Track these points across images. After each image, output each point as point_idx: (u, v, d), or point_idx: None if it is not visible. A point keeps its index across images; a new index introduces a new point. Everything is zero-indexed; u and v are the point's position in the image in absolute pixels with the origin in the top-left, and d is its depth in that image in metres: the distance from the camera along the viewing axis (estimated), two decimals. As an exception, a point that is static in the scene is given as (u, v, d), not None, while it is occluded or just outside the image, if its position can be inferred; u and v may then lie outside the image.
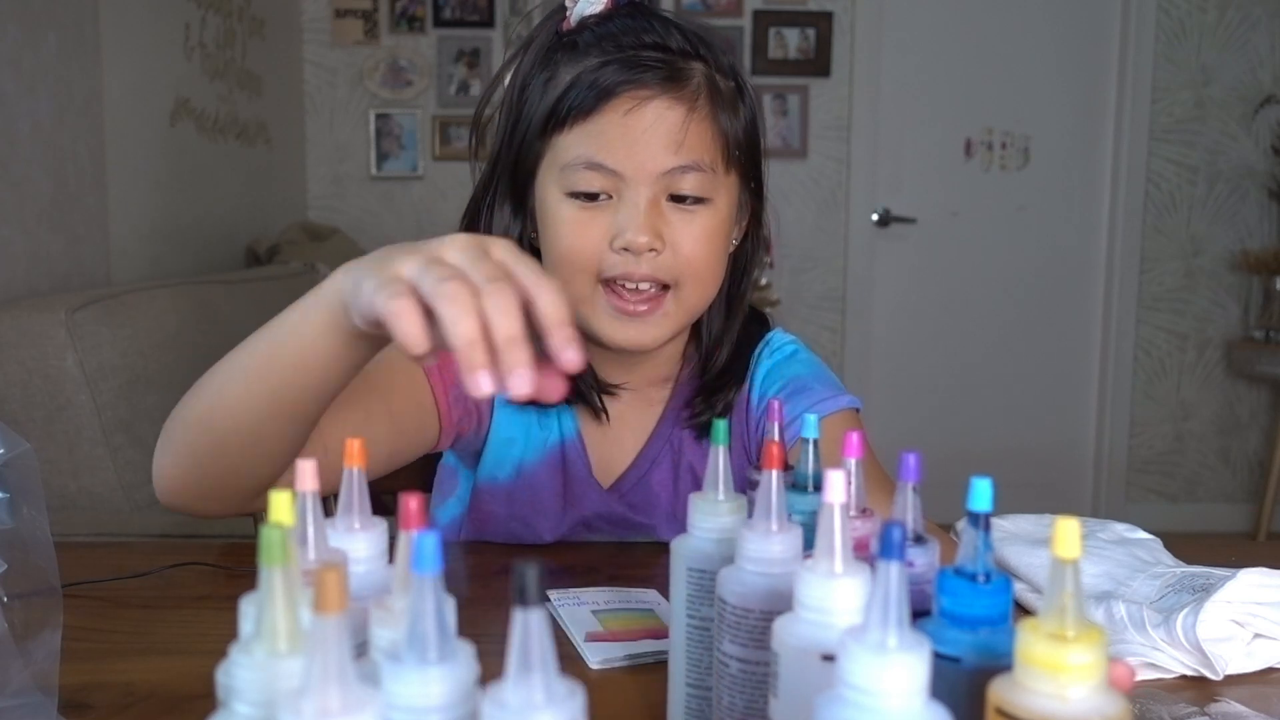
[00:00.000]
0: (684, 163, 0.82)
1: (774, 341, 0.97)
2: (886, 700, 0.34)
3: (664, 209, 0.82)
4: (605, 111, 0.81)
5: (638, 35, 0.83)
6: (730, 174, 0.86)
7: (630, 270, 0.82)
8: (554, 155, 0.84)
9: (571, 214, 0.83)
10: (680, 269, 0.83)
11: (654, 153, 0.81)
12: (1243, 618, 0.67)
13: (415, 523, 0.38)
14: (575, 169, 0.82)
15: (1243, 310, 3.63)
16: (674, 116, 0.81)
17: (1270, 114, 3.52)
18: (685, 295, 0.84)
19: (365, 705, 0.31)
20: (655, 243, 0.81)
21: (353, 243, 3.30)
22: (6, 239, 1.86)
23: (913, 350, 3.67)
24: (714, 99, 0.84)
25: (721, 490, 0.52)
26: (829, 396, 0.89)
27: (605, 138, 0.81)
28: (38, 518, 0.57)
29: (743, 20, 3.51)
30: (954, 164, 3.59)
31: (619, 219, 0.81)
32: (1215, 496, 3.71)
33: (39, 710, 0.54)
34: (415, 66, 3.50)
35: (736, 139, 0.86)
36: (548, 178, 0.85)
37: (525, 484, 0.93)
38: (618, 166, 0.81)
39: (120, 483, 1.75)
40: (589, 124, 0.81)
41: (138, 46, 2.35)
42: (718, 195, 0.84)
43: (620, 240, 0.81)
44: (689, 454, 0.94)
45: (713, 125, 0.84)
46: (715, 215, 0.84)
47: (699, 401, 0.92)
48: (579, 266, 0.83)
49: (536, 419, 0.93)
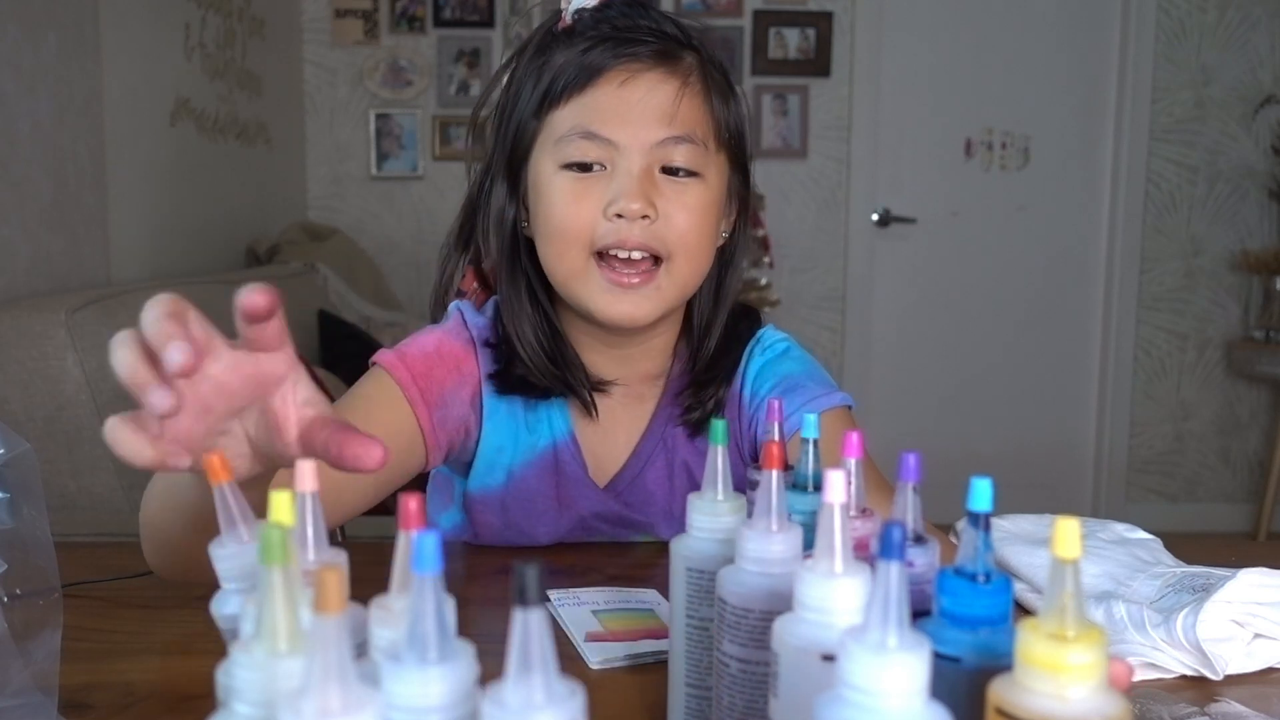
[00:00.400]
0: (677, 133, 0.83)
1: (765, 339, 0.96)
2: (886, 700, 0.34)
3: (657, 179, 0.84)
4: (599, 84, 0.83)
5: (632, 20, 0.86)
6: (721, 154, 0.88)
7: (624, 238, 0.82)
8: (549, 131, 0.85)
9: (566, 185, 0.84)
10: (672, 240, 0.84)
11: (647, 123, 0.83)
12: (1243, 618, 0.67)
13: (415, 523, 0.37)
14: (570, 140, 0.83)
15: (1243, 310, 3.63)
16: (667, 89, 0.83)
17: (1270, 114, 3.52)
18: (677, 269, 0.85)
19: (365, 705, 0.31)
20: (648, 209, 0.82)
21: (353, 243, 3.31)
22: (6, 239, 1.86)
23: (913, 350, 3.67)
24: (706, 81, 0.87)
25: (721, 490, 0.52)
26: (822, 394, 0.89)
27: (599, 108, 0.83)
28: (38, 518, 0.57)
29: (743, 20, 3.51)
30: (954, 164, 3.59)
31: (613, 187, 0.83)
32: (1215, 496, 3.71)
33: (39, 710, 0.54)
34: (415, 66, 3.50)
35: (727, 123, 0.88)
36: (542, 154, 0.86)
37: (517, 490, 0.93)
38: (611, 135, 0.82)
39: (120, 483, 1.75)
40: (583, 96, 0.83)
41: (138, 46, 2.35)
42: (709, 171, 0.86)
43: (614, 207, 0.82)
44: (682, 451, 0.94)
45: (705, 103, 0.86)
46: (707, 190, 0.86)
47: (689, 395, 0.92)
48: (573, 237, 0.84)
49: (524, 424, 0.92)
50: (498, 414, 0.92)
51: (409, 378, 0.86)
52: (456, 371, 0.90)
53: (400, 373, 0.86)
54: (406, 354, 0.88)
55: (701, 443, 0.93)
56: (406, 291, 3.45)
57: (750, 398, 0.94)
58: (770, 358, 0.95)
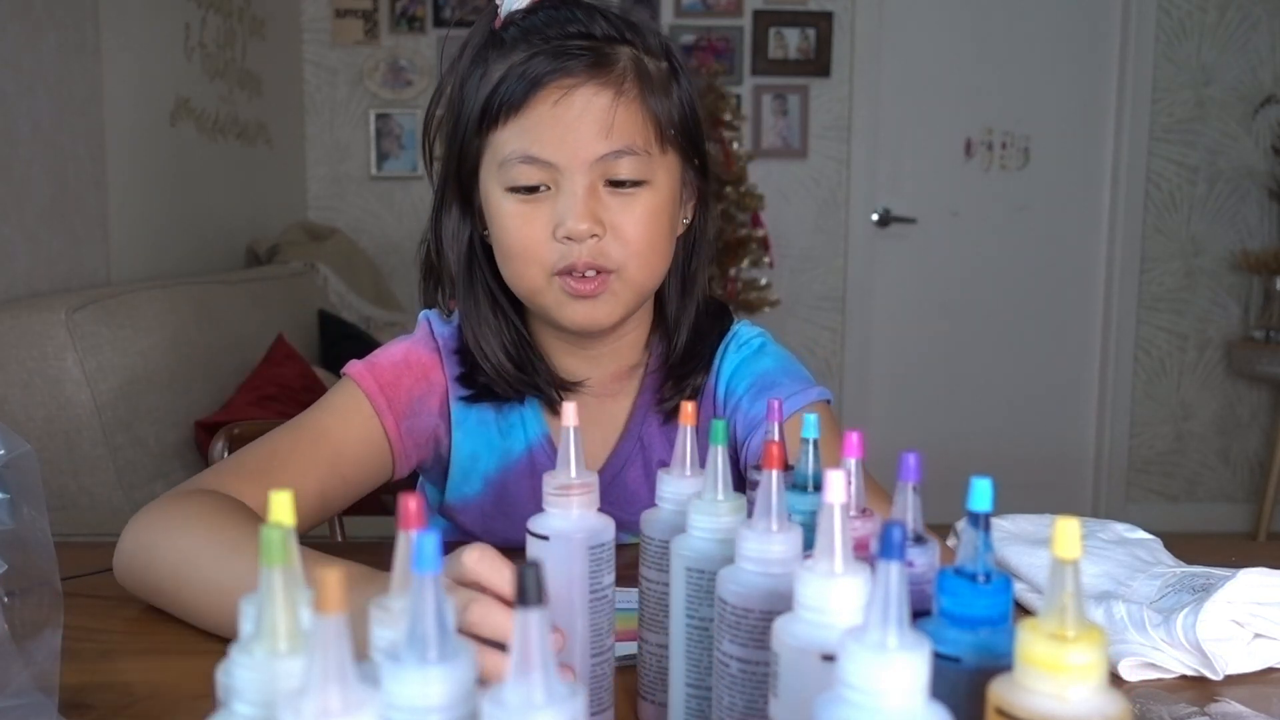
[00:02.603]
0: (616, 147, 0.83)
1: (740, 335, 0.96)
2: (886, 700, 0.34)
3: (602, 195, 0.83)
4: (534, 104, 0.82)
5: (562, 26, 0.84)
6: (668, 153, 0.87)
7: (574, 260, 0.82)
8: (492, 152, 0.85)
9: (513, 209, 0.84)
10: (620, 254, 0.83)
11: (585, 140, 0.82)
12: (1243, 618, 0.67)
13: (414, 523, 0.37)
14: (512, 164, 0.83)
15: (1243, 310, 3.63)
16: (601, 101, 0.82)
17: (1270, 114, 3.52)
18: (630, 276, 0.85)
19: (365, 705, 0.31)
20: (595, 228, 0.82)
21: (353, 243, 3.31)
22: (6, 239, 1.86)
23: (913, 350, 3.67)
24: (642, 81, 0.85)
25: (721, 490, 0.52)
26: (798, 390, 0.89)
27: (537, 130, 0.82)
28: (38, 518, 0.58)
29: (743, 20, 3.51)
30: (954, 164, 3.59)
31: (558, 209, 0.82)
32: (1215, 496, 3.71)
33: (39, 710, 0.54)
34: (415, 66, 3.50)
35: (670, 119, 0.87)
36: (489, 175, 0.86)
37: (495, 496, 0.93)
38: (551, 158, 0.82)
39: (120, 483, 1.75)
40: (520, 118, 0.83)
41: (138, 46, 2.35)
42: (656, 176, 0.85)
43: (562, 230, 0.82)
44: (658, 449, 0.94)
45: (642, 107, 0.85)
46: (656, 196, 0.85)
47: (667, 388, 0.92)
48: (529, 260, 0.84)
49: (497, 430, 0.93)
50: (468, 422, 0.92)
51: (376, 387, 0.88)
52: (424, 380, 0.91)
53: (368, 383, 0.88)
54: (375, 364, 0.90)
55: (673, 435, 0.93)
56: (406, 291, 3.44)
57: (726, 395, 0.93)
58: (746, 355, 0.94)
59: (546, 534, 0.55)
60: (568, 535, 0.54)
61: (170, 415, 1.91)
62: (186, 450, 1.94)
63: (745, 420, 0.89)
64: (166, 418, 1.90)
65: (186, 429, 1.95)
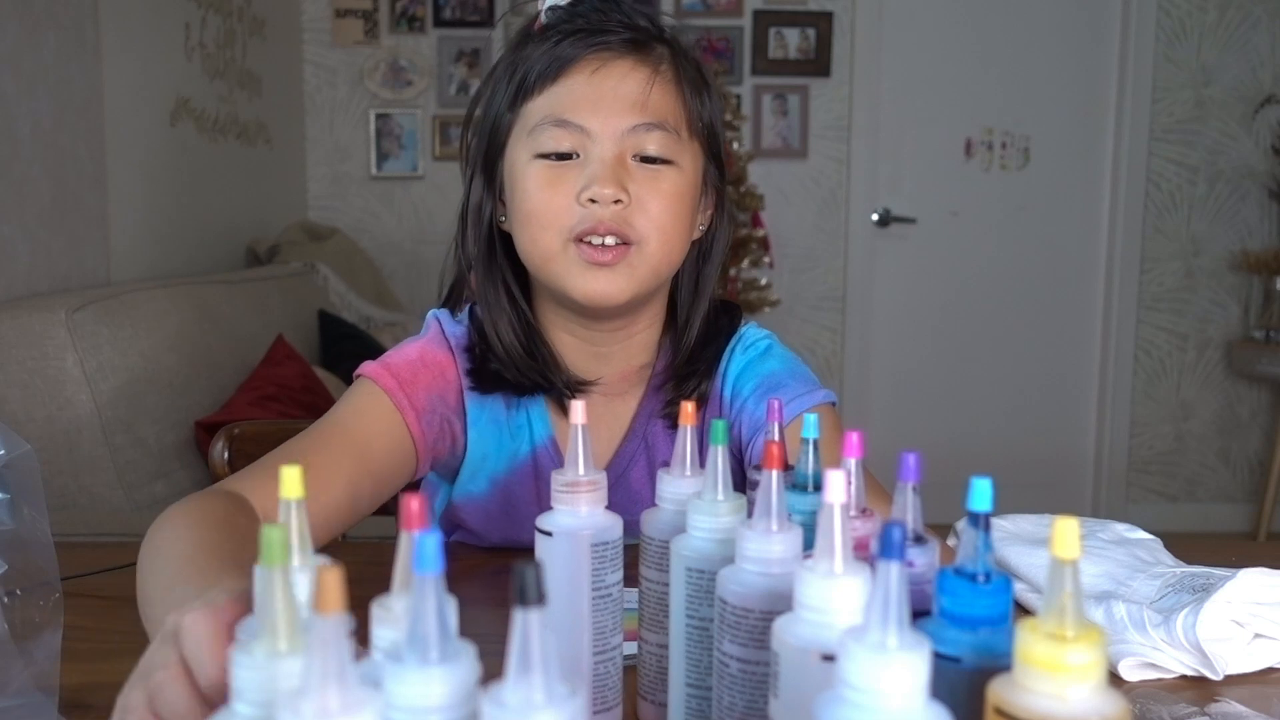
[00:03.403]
0: (649, 120, 0.83)
1: (747, 337, 0.96)
2: (886, 700, 0.34)
3: (630, 165, 0.84)
4: (571, 73, 0.84)
5: (604, 14, 0.86)
6: (694, 142, 0.88)
7: (597, 223, 0.82)
8: (523, 122, 0.86)
9: (540, 173, 0.84)
10: (644, 225, 0.84)
11: (619, 109, 0.83)
12: (1243, 618, 0.67)
13: (416, 523, 0.37)
14: (543, 129, 0.84)
15: (1243, 310, 3.63)
16: (638, 77, 0.84)
17: (1270, 114, 3.52)
18: (649, 250, 0.85)
19: (365, 705, 0.31)
20: (620, 194, 0.82)
21: (353, 243, 3.31)
22: (7, 239, 1.86)
23: (913, 350, 3.67)
24: (678, 71, 0.87)
25: (721, 490, 0.52)
26: (804, 393, 0.89)
27: (572, 96, 0.83)
28: (38, 518, 0.58)
29: (743, 20, 3.51)
30: (954, 164, 3.59)
31: (586, 173, 0.83)
32: (1215, 496, 3.71)
33: (39, 710, 0.54)
34: (415, 66, 3.50)
35: (700, 114, 0.88)
36: (517, 145, 0.86)
37: (500, 496, 0.93)
38: (584, 123, 0.83)
39: (120, 483, 1.75)
40: (555, 86, 0.84)
41: (138, 46, 2.35)
42: (683, 158, 0.86)
43: (587, 192, 0.82)
44: (663, 450, 0.94)
45: (677, 91, 0.86)
46: (681, 177, 0.86)
47: (670, 389, 0.92)
48: (547, 223, 0.84)
49: (507, 429, 0.93)
50: (481, 421, 0.92)
51: (395, 384, 0.87)
52: (440, 379, 0.90)
53: (387, 381, 0.87)
54: (391, 363, 0.89)
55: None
56: (406, 291, 3.45)
57: (732, 397, 0.93)
58: (752, 357, 0.94)
59: (551, 530, 0.55)
60: (572, 532, 0.55)
61: (170, 415, 1.91)
62: (187, 450, 1.94)
63: (750, 422, 0.90)
64: (166, 418, 1.90)
65: (186, 429, 1.95)
